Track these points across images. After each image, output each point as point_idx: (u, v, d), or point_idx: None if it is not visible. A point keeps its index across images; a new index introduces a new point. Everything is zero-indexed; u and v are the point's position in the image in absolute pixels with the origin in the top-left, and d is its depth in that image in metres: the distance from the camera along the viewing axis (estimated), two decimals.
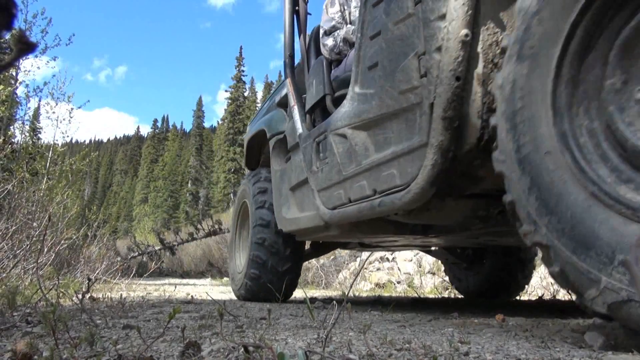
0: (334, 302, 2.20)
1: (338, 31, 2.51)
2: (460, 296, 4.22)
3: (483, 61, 1.35)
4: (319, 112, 2.47)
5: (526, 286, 3.77)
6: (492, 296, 3.57)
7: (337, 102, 2.24)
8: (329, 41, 2.51)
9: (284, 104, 3.04)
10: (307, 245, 3.43)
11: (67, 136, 8.10)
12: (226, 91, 43.43)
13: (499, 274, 3.51)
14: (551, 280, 5.16)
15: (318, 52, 2.73)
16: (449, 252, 3.68)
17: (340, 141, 2.03)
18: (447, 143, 1.38)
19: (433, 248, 3.72)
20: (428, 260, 6.18)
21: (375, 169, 1.74)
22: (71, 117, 7.98)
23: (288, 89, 2.79)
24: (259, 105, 34.19)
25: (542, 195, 1.06)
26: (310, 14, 2.95)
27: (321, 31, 2.59)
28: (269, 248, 2.99)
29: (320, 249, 3.40)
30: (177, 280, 9.32)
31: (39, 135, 8.79)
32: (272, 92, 3.49)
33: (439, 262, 6.08)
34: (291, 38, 2.89)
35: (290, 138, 2.74)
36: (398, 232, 2.13)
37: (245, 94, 43.57)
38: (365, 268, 6.49)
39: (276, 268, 2.99)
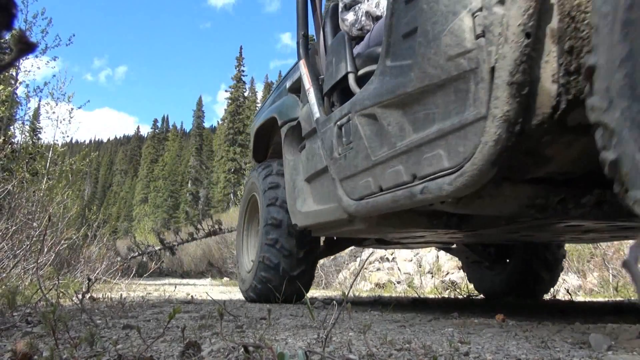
0: (334, 302, 2.22)
1: (359, 5, 2.28)
2: (460, 296, 4.03)
3: (559, 14, 1.12)
4: (338, 95, 2.23)
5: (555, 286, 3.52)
6: (516, 297, 3.33)
7: (360, 82, 2.01)
8: (350, 16, 2.28)
9: (296, 88, 2.80)
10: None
11: (67, 136, 8.06)
12: (226, 91, 43.26)
13: (524, 274, 3.27)
14: None
15: (335, 30, 2.49)
16: (470, 250, 3.45)
17: (367, 122, 1.79)
18: (514, 114, 1.14)
19: (454, 245, 3.48)
20: (428, 260, 6.15)
21: (414, 151, 1.50)
22: (71, 117, 7.95)
23: (302, 71, 2.54)
24: (259, 105, 33.92)
25: (635, 73, 0.84)
26: None
27: (340, 5, 2.35)
28: (280, 247, 2.75)
29: (335, 246, 3.16)
30: (177, 280, 9.27)
31: (39, 135, 8.68)
32: (281, 78, 3.25)
33: (439, 262, 5.94)
34: (304, 16, 2.65)
35: (305, 124, 2.50)
36: (431, 226, 1.89)
37: (245, 94, 43.34)
38: (365, 268, 6.47)
39: (288, 270, 2.76)
